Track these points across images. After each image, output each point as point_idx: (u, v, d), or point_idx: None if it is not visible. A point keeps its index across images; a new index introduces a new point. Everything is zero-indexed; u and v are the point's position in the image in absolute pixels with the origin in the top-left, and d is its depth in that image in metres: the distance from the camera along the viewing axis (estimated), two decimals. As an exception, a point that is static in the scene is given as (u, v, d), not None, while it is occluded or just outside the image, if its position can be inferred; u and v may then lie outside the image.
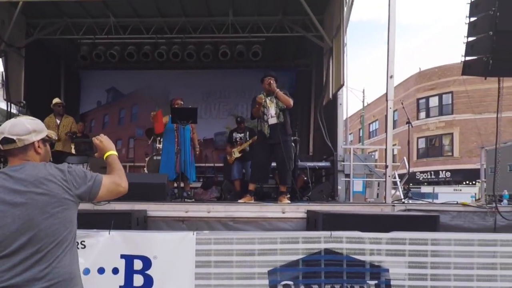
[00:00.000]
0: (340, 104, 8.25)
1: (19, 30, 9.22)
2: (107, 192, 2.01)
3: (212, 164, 9.48)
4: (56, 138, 7.43)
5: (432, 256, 3.14)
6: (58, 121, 7.41)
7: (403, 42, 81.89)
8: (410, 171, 27.76)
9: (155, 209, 5.09)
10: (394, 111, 26.01)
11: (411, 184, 25.28)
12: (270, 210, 5.22)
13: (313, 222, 4.77)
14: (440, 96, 25.48)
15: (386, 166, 5.67)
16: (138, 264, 3.09)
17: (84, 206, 4.76)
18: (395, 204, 5.39)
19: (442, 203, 6.07)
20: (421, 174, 26.52)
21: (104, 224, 3.70)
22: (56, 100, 7.59)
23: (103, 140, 2.20)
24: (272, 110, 5.78)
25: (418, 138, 27.22)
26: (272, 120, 5.79)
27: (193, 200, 6.36)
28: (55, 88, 11.16)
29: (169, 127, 6.42)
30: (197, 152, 6.77)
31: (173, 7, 9.15)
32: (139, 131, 11.09)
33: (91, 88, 12.09)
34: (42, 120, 7.30)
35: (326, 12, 8.93)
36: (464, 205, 5.48)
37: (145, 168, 8.40)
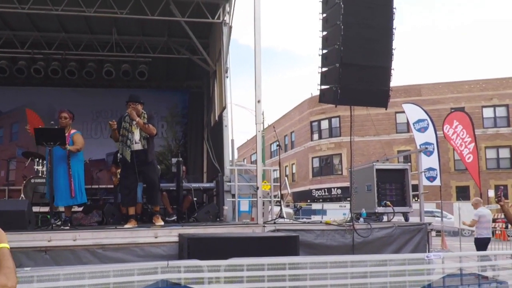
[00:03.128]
0: (226, 125, 8.46)
1: None
2: None
3: (98, 186, 9.01)
4: None
5: (268, 281, 3.26)
6: None
7: (299, 69, 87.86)
8: (307, 188, 29.15)
9: (11, 239, 4.59)
10: (291, 132, 27.42)
11: (308, 201, 26.98)
12: (142, 235, 5.09)
13: (182, 246, 4.80)
14: (329, 119, 27.83)
15: (257, 188, 5.93)
16: None
17: None
18: (266, 225, 5.62)
19: (308, 223, 6.53)
20: (316, 191, 28.35)
21: None
22: None
23: None
24: (136, 135, 5.68)
25: (312, 157, 29.22)
26: (136, 146, 5.67)
27: (68, 226, 5.94)
28: None
29: None
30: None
31: (50, 22, 8.69)
32: (21, 151, 10.16)
33: (-38, 104, 10.80)
34: None
35: (210, 36, 9.23)
36: (327, 223, 5.91)
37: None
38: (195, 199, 7.98)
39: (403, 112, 14.89)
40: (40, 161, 8.45)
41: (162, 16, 8.06)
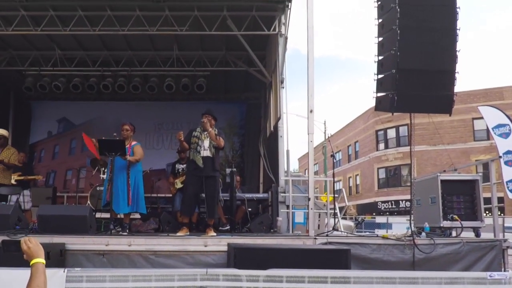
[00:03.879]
0: (281, 136, 8.38)
1: (-41, 62, 9.17)
2: None
3: (156, 195, 9.42)
4: None
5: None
6: None
7: (363, 77, 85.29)
8: (372, 200, 27.74)
9: (74, 242, 4.97)
10: (355, 142, 26.20)
11: (374, 214, 25.82)
12: (192, 244, 5.18)
13: (229, 256, 4.80)
14: (397, 128, 26.48)
15: (309, 199, 5.77)
16: (-4, 304, 2.92)
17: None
18: (317, 237, 5.44)
19: (363, 236, 6.19)
20: (382, 204, 27.06)
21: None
22: None
23: (31, 246, 2.02)
24: (206, 143, 6.01)
25: (378, 168, 27.99)
26: (205, 153, 5.98)
27: (126, 232, 6.25)
28: (4, 119, 11.01)
29: None
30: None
31: (118, 41, 9.37)
32: (89, 160, 11.08)
33: (42, 118, 12.02)
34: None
35: (267, 48, 9.31)
36: (384, 237, 5.57)
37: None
38: (249, 209, 7.99)
39: (482, 118, 13.48)
40: (105, 169, 9.08)
41: (219, 31, 8.31)
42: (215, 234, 5.86)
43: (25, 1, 7.71)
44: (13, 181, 7.52)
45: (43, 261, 1.99)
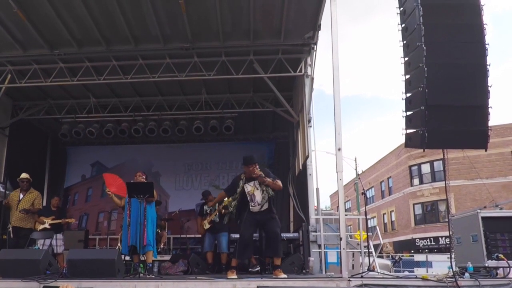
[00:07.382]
0: (310, 174, 8.31)
1: (3, 112, 9.81)
2: None
3: (186, 235, 9.37)
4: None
5: None
6: (21, 196, 7.46)
7: (389, 114, 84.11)
8: (409, 237, 26.56)
9: (102, 286, 4.95)
10: (388, 178, 25.51)
11: (412, 251, 24.61)
12: (220, 286, 5.06)
13: (261, 300, 4.64)
14: (431, 163, 25.70)
15: (340, 239, 5.57)
16: None
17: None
18: (351, 279, 5.20)
19: (401, 277, 5.85)
20: (420, 241, 25.86)
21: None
22: (22, 175, 7.67)
23: None
24: (258, 197, 5.58)
25: (414, 204, 26.99)
26: (257, 208, 5.58)
27: (153, 275, 6.19)
28: (41, 164, 11.48)
29: (126, 200, 6.48)
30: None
31: (149, 88, 9.76)
32: (121, 203, 11.25)
33: (77, 163, 12.49)
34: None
35: (294, 88, 9.45)
36: (424, 278, 5.28)
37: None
38: (280, 249, 7.78)
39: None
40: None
41: (246, 74, 8.54)
42: (285, 275, 5.51)
43: (63, 54, 8.23)
44: (46, 225, 7.68)
45: None
